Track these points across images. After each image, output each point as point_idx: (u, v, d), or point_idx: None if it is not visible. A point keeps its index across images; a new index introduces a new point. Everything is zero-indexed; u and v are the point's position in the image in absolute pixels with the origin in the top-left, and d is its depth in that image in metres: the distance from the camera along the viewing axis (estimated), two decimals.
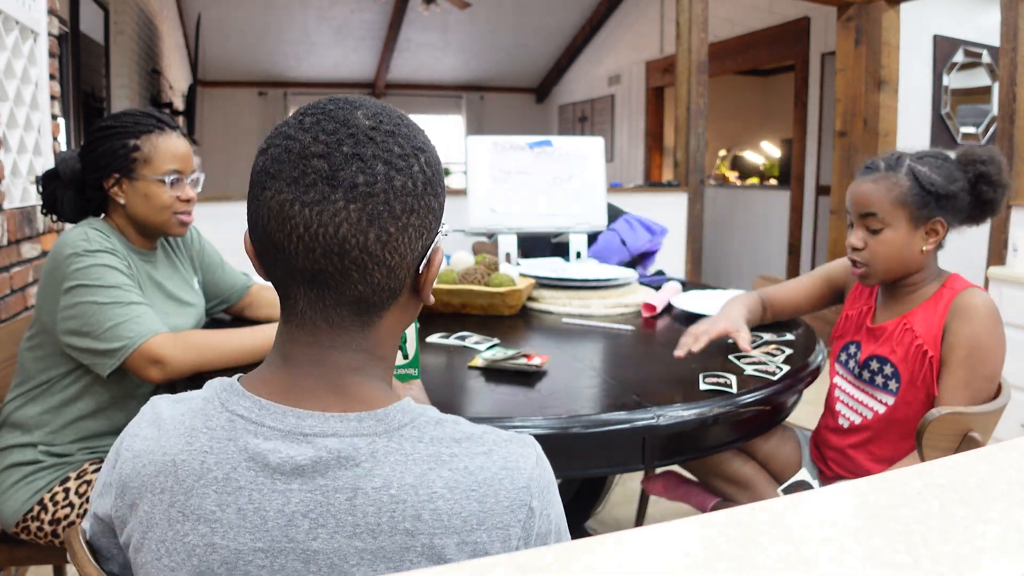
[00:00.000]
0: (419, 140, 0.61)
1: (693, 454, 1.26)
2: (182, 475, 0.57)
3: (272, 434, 0.57)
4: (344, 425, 0.57)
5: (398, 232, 0.57)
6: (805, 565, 0.35)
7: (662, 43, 7.13)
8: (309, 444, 0.56)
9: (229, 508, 0.56)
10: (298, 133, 0.57)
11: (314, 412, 0.58)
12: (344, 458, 0.56)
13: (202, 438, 0.58)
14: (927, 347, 1.24)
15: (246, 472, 0.56)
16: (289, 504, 0.55)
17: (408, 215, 0.58)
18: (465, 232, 2.40)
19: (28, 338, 1.32)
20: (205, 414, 0.60)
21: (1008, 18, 3.08)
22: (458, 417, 0.62)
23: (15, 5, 1.88)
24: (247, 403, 0.59)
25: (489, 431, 0.62)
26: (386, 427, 0.58)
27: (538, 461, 0.61)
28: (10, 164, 1.91)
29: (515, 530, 0.57)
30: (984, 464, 0.48)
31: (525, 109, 10.37)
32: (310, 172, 0.55)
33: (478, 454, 0.58)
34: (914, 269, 1.29)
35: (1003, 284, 2.77)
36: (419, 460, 0.57)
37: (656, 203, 3.98)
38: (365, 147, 0.56)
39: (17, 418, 1.31)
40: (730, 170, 8.31)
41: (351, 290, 0.58)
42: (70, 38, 3.85)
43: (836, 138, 4.21)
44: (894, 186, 1.23)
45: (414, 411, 0.60)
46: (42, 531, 1.26)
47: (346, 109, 0.58)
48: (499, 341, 1.45)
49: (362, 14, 7.88)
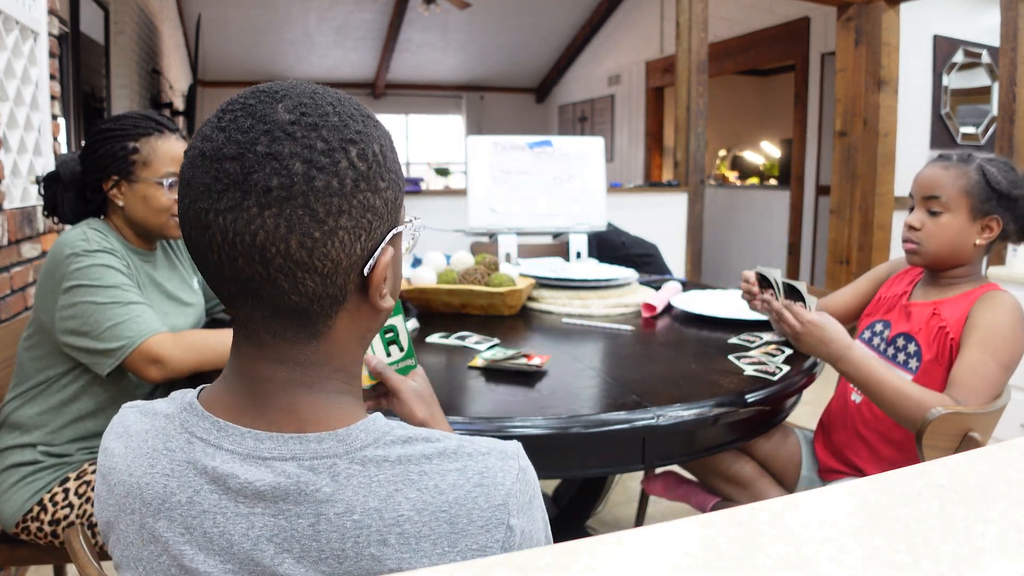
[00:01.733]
0: (351, 131, 0.53)
1: (693, 454, 1.26)
2: (147, 498, 0.56)
3: (231, 458, 0.54)
4: (303, 447, 0.54)
5: (324, 237, 0.52)
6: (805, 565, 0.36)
7: (662, 43, 7.13)
8: (268, 468, 0.54)
9: (195, 532, 0.55)
10: (214, 133, 0.52)
11: (272, 433, 0.55)
12: (304, 483, 0.53)
13: (163, 461, 0.56)
14: (950, 330, 1.27)
15: (209, 496, 0.54)
16: (253, 528, 0.53)
17: (336, 217, 0.52)
18: (465, 232, 2.41)
19: (26, 338, 1.32)
20: (166, 434, 0.58)
21: (1008, 18, 3.08)
22: (433, 431, 0.58)
23: (15, 5, 1.88)
24: (206, 424, 0.56)
25: (466, 444, 0.56)
26: (347, 448, 0.54)
27: (520, 474, 0.56)
28: (10, 164, 1.91)
29: (493, 550, 0.53)
30: (984, 464, 0.48)
31: (525, 109, 10.37)
32: (222, 177, 0.51)
33: (450, 471, 0.54)
34: (963, 260, 1.33)
35: (1003, 284, 2.76)
36: (384, 482, 0.53)
37: (656, 203, 3.98)
38: (282, 145, 0.51)
39: (16, 418, 1.31)
40: (730, 170, 8.32)
41: (285, 300, 0.53)
42: (70, 38, 3.86)
43: (836, 138, 4.22)
44: (962, 175, 1.29)
45: (379, 429, 0.56)
46: (42, 531, 1.27)
47: (266, 103, 0.53)
48: (499, 341, 1.45)
49: (362, 14, 7.89)
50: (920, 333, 1.32)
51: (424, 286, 1.73)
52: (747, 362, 1.29)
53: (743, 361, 1.30)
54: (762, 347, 1.40)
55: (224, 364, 1.24)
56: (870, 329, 1.43)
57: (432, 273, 1.77)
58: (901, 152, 4.06)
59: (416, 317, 1.67)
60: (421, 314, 1.73)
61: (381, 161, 0.55)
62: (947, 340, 1.27)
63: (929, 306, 1.33)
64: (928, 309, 1.33)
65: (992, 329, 1.22)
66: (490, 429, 1.00)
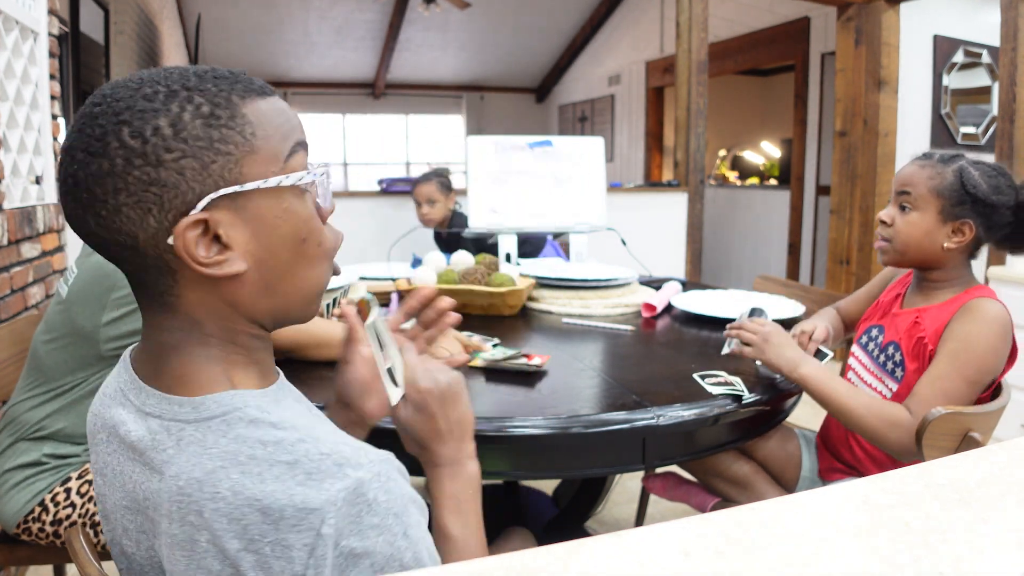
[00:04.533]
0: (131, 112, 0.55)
1: (693, 454, 1.26)
2: (92, 431, 0.66)
3: (130, 407, 0.62)
4: (167, 408, 0.59)
5: (111, 214, 0.56)
6: (805, 565, 0.36)
7: (662, 43, 7.13)
8: (144, 424, 0.60)
9: (107, 467, 0.63)
10: None
11: (157, 392, 0.60)
12: (157, 442, 0.58)
13: (104, 402, 0.65)
14: (928, 341, 1.25)
15: (112, 438, 0.63)
16: (135, 471, 0.60)
17: (115, 195, 0.55)
18: (465, 232, 2.41)
19: (49, 340, 1.29)
20: (112, 380, 0.67)
21: (1008, 18, 3.08)
22: (288, 421, 0.57)
23: (15, 5, 1.88)
24: (126, 376, 0.64)
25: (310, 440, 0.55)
26: (196, 416, 0.57)
27: (356, 487, 0.53)
28: (10, 164, 1.91)
29: (299, 552, 0.52)
30: (984, 464, 0.48)
31: (525, 109, 10.37)
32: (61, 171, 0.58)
33: (279, 462, 0.54)
34: (931, 262, 1.29)
35: (1003, 284, 2.77)
36: (214, 456, 0.55)
37: (656, 203, 3.98)
38: (74, 138, 0.56)
39: (26, 419, 1.29)
40: (730, 170, 8.31)
41: (125, 270, 0.61)
42: (70, 38, 3.86)
43: (836, 138, 4.21)
44: (937, 175, 1.27)
45: (231, 404, 0.57)
46: (43, 532, 1.26)
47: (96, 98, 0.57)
48: (500, 340, 1.45)
49: (362, 14, 7.88)
50: (902, 341, 1.30)
51: (424, 286, 1.73)
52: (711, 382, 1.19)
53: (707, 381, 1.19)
54: None
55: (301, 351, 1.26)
56: (867, 334, 1.42)
57: (432, 273, 1.77)
58: (901, 152, 4.05)
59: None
60: None
61: (168, 134, 0.55)
62: (925, 351, 1.25)
63: (912, 313, 1.31)
64: (911, 317, 1.30)
65: (963, 343, 1.19)
66: (490, 429, 1.01)
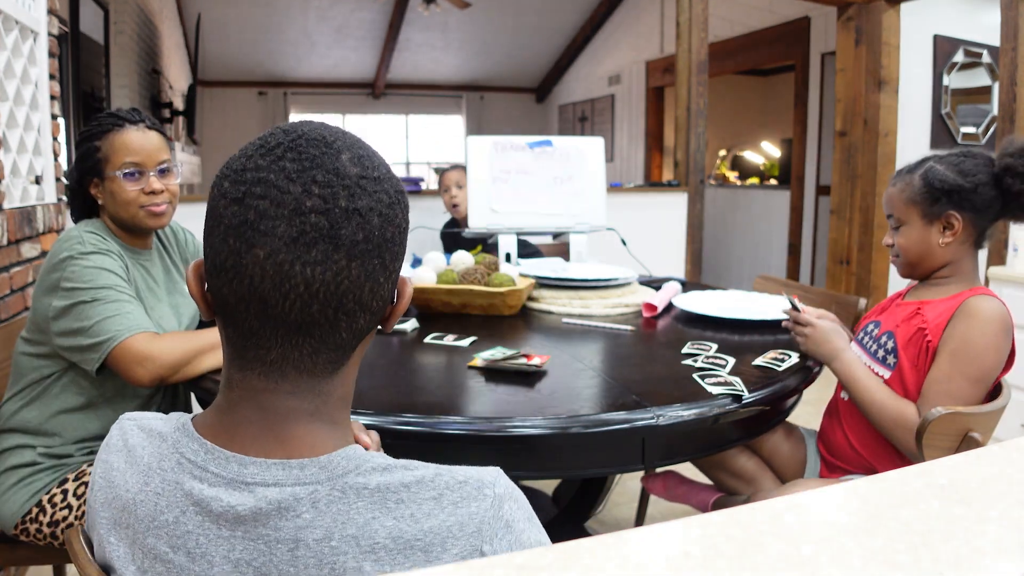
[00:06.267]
0: (398, 182, 0.59)
1: (693, 454, 1.26)
2: (140, 515, 0.58)
3: (216, 480, 0.56)
4: (286, 473, 0.56)
5: (386, 280, 0.58)
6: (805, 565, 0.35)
7: (662, 43, 7.13)
8: (250, 493, 0.55)
9: (180, 551, 0.56)
10: (283, 182, 0.54)
11: (256, 459, 0.56)
12: (284, 509, 0.54)
13: (156, 479, 0.58)
14: (929, 334, 1.26)
15: (193, 517, 0.56)
16: (234, 551, 0.55)
17: (395, 262, 0.58)
18: (464, 232, 2.40)
19: (25, 340, 1.33)
20: (160, 453, 0.60)
21: (1008, 18, 3.08)
22: (411, 461, 0.59)
23: (15, 5, 1.88)
24: (195, 446, 0.58)
25: (444, 472, 0.57)
26: (329, 474, 0.56)
27: (494, 502, 0.56)
28: (10, 164, 1.91)
29: None
30: (984, 464, 0.48)
31: (525, 109, 10.37)
32: (309, 231, 0.53)
33: (426, 499, 0.55)
34: (939, 262, 1.32)
35: (1003, 284, 2.77)
36: (362, 509, 0.54)
37: (656, 203, 3.98)
38: (360, 199, 0.55)
39: (16, 420, 1.31)
40: (730, 170, 8.31)
41: (335, 338, 0.57)
42: (70, 38, 3.86)
43: (836, 138, 4.21)
44: (907, 187, 1.32)
45: (359, 457, 0.57)
46: (41, 532, 1.26)
47: (329, 154, 0.55)
48: (476, 337, 1.45)
49: (362, 14, 7.88)
50: (899, 329, 1.32)
51: (424, 286, 1.73)
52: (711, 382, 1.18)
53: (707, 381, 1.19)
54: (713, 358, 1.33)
55: (211, 365, 1.24)
56: (864, 330, 1.44)
57: (432, 273, 1.77)
58: (901, 152, 4.06)
59: (416, 317, 1.67)
60: (421, 314, 1.73)
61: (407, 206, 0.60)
62: (924, 342, 1.27)
63: (914, 304, 1.33)
64: (912, 307, 1.33)
65: (964, 343, 1.21)
66: (490, 429, 1.00)
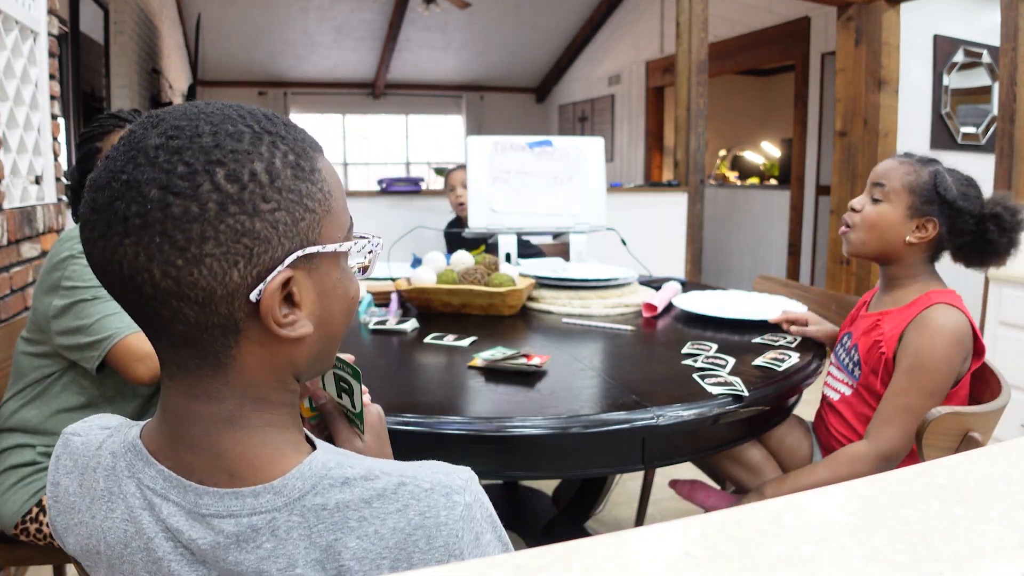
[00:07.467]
0: (222, 151, 0.50)
1: (693, 454, 1.26)
2: (111, 542, 0.57)
3: (178, 512, 0.54)
4: (240, 503, 0.53)
5: (188, 264, 0.49)
6: (805, 565, 0.35)
7: (662, 43, 7.13)
8: (208, 527, 0.53)
9: None
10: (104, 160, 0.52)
11: (210, 489, 0.54)
12: (243, 541, 0.52)
13: (120, 506, 0.57)
14: (884, 346, 1.28)
15: (164, 543, 0.55)
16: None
17: (200, 244, 0.49)
18: (464, 232, 2.40)
19: (26, 340, 1.33)
20: (116, 476, 0.57)
21: (1008, 18, 3.08)
22: (374, 466, 0.56)
23: (15, 5, 1.88)
24: (151, 472, 0.56)
25: (409, 480, 0.54)
26: (285, 499, 0.53)
27: (464, 511, 0.54)
28: (10, 164, 1.91)
29: None
30: (984, 464, 0.48)
31: (525, 109, 10.37)
32: (96, 206, 0.50)
33: (391, 513, 0.53)
34: (890, 255, 1.33)
35: (1003, 284, 2.77)
36: (323, 532, 0.52)
37: (656, 203, 3.98)
38: (143, 171, 0.49)
39: (16, 420, 1.31)
40: (730, 170, 8.31)
41: (173, 329, 0.52)
42: (70, 38, 3.86)
43: (836, 138, 4.22)
44: (912, 172, 1.31)
45: (316, 473, 0.54)
46: (41, 532, 1.27)
47: (146, 127, 0.51)
48: (476, 337, 1.45)
49: (362, 14, 7.89)
50: (860, 341, 1.34)
51: (424, 286, 1.73)
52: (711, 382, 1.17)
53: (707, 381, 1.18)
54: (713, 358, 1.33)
55: None
56: (840, 342, 1.46)
57: (432, 273, 1.77)
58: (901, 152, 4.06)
59: (416, 317, 1.67)
60: (421, 314, 1.73)
61: (265, 181, 0.51)
62: (880, 356, 1.28)
63: (875, 316, 1.34)
64: (873, 319, 1.34)
65: (917, 355, 1.22)
66: (490, 429, 1.01)
